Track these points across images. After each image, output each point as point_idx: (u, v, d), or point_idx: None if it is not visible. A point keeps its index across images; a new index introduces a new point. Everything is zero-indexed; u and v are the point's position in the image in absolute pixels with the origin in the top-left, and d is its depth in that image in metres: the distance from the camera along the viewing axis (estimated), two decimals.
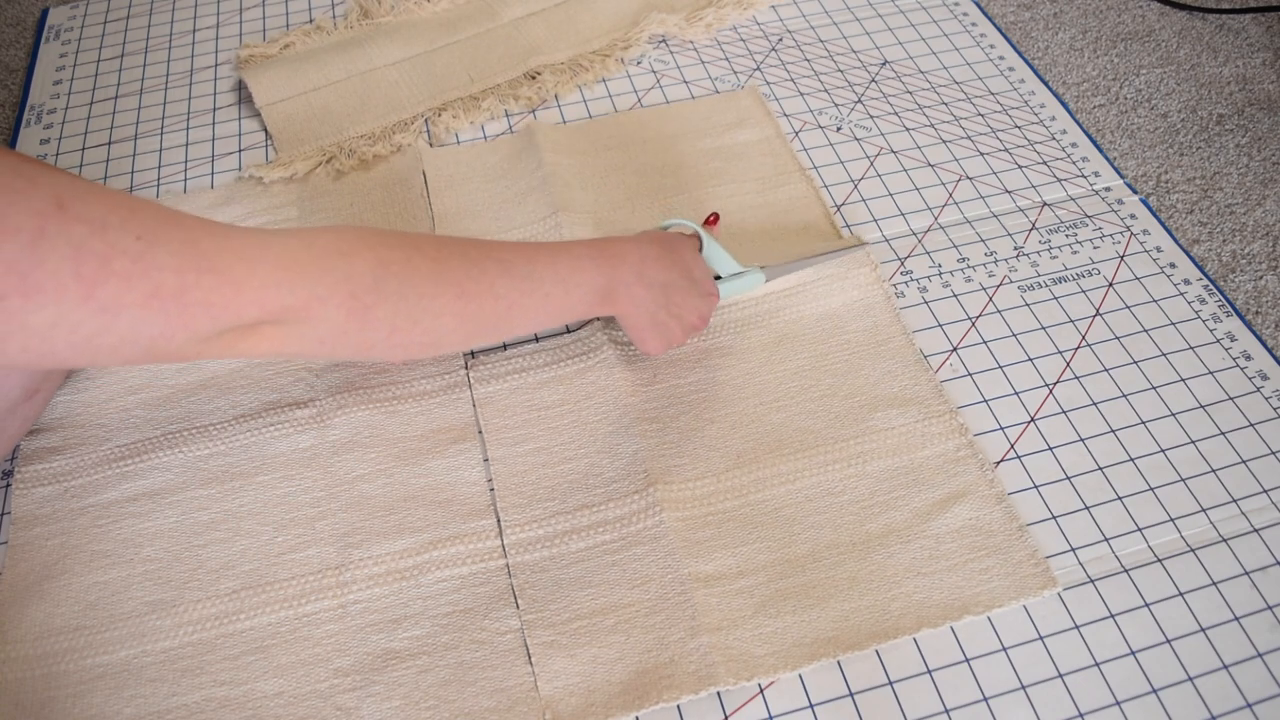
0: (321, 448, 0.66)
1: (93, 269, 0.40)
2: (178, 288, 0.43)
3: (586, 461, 0.65)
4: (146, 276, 0.42)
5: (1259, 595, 0.60)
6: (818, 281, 0.74)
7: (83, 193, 0.41)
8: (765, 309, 0.73)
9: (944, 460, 0.65)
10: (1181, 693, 0.56)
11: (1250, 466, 0.65)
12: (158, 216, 0.43)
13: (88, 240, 0.40)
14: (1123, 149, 0.87)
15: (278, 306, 0.47)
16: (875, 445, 0.66)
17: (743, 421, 0.67)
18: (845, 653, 0.57)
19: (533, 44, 0.94)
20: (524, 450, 0.66)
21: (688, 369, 0.70)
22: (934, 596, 0.59)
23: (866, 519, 0.62)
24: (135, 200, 0.43)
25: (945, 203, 0.81)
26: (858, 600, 0.59)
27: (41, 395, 0.66)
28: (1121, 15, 1.01)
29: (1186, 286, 0.75)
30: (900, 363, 0.70)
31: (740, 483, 0.64)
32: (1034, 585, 0.59)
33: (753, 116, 0.88)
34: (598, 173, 0.83)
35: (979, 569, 0.60)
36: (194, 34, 0.99)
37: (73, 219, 0.40)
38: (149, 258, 0.42)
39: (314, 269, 0.48)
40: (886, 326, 0.72)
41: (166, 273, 0.43)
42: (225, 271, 0.45)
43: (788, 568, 0.60)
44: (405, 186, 0.83)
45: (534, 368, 0.70)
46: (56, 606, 0.60)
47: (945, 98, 0.90)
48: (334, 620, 0.59)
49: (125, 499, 0.64)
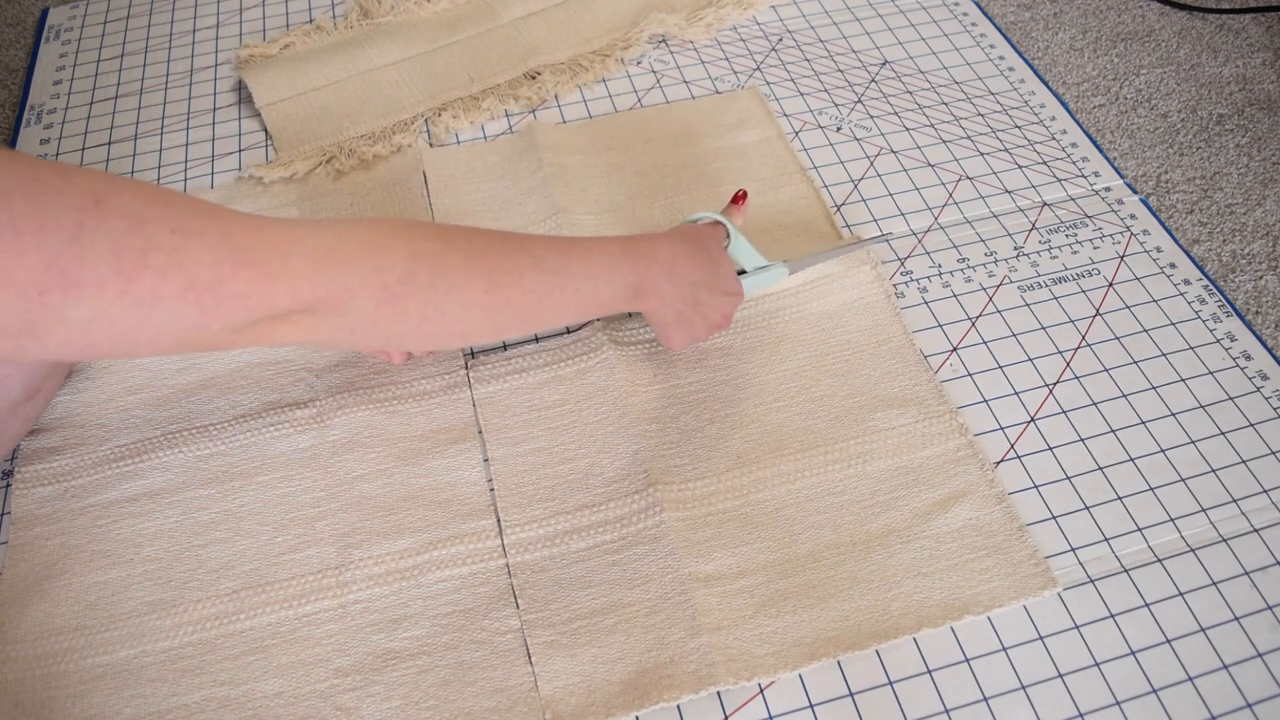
0: (321, 448, 0.66)
1: (131, 264, 0.41)
2: (213, 280, 0.43)
3: (587, 461, 0.65)
4: (182, 269, 0.42)
5: (1259, 595, 0.60)
6: (819, 281, 0.74)
7: (119, 188, 0.41)
8: (766, 309, 0.73)
9: (944, 460, 0.65)
10: (1181, 693, 0.56)
11: (1250, 466, 0.65)
12: (192, 209, 0.44)
13: (125, 235, 0.40)
14: (1123, 149, 0.87)
15: (311, 298, 0.47)
16: (875, 445, 0.66)
17: (743, 421, 0.67)
18: (845, 653, 0.57)
19: (533, 44, 0.94)
20: (524, 450, 0.66)
21: (688, 369, 0.70)
22: (934, 596, 0.59)
23: (867, 519, 0.62)
24: (170, 193, 0.44)
25: (945, 203, 0.81)
26: (858, 600, 0.59)
27: (43, 395, 0.66)
28: (1121, 15, 1.01)
29: (1186, 286, 0.75)
30: (900, 363, 0.70)
31: (740, 483, 0.64)
32: (1034, 585, 0.59)
33: (754, 117, 0.88)
34: (599, 173, 0.83)
35: (979, 569, 0.60)
36: (194, 34, 0.99)
37: (110, 213, 0.40)
38: (184, 251, 0.42)
39: (347, 259, 0.49)
40: (887, 326, 0.72)
41: (202, 266, 0.43)
42: (259, 264, 0.45)
43: (788, 567, 0.60)
44: (405, 187, 0.83)
45: (534, 368, 0.70)
46: (56, 606, 0.60)
47: (945, 98, 0.90)
48: (334, 620, 0.59)
49: (125, 499, 0.64)
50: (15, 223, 0.38)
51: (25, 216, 0.38)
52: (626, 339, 0.71)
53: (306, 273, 0.47)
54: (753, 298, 0.73)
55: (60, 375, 0.68)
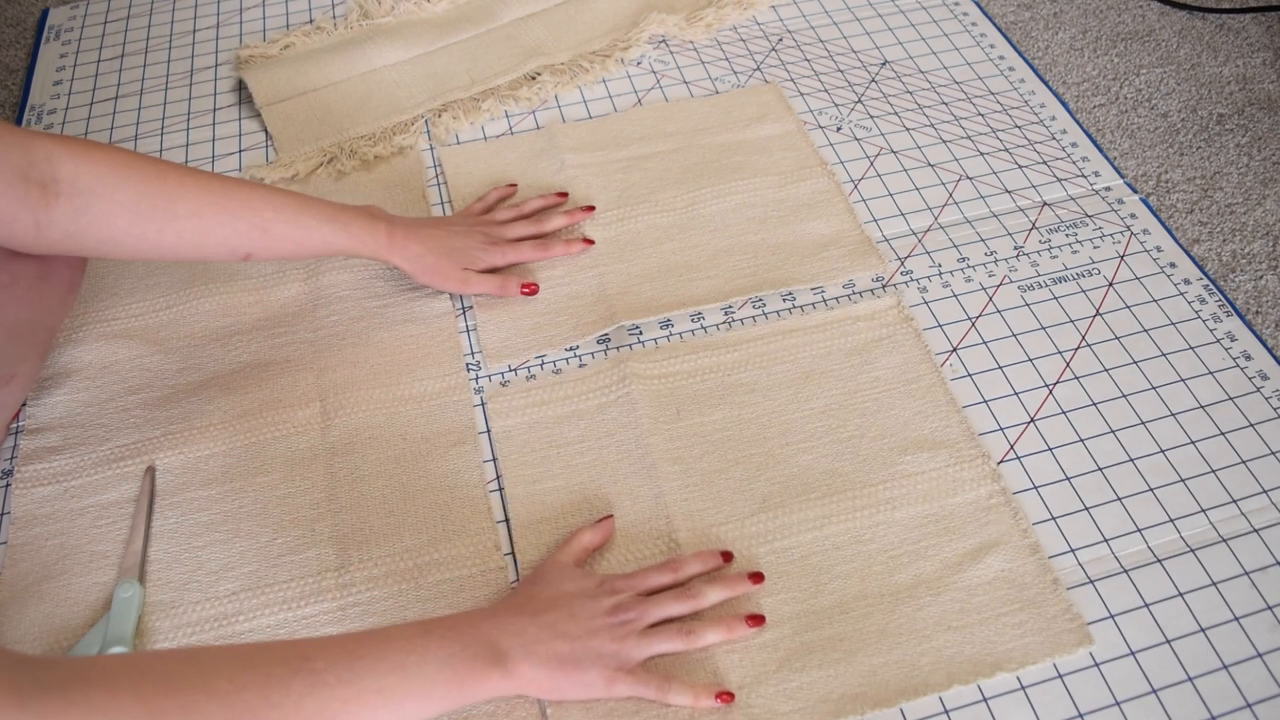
0: (322, 449, 0.66)
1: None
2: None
3: (606, 504, 0.64)
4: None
5: (1259, 595, 0.60)
6: (845, 319, 0.72)
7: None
8: (791, 343, 0.71)
9: (975, 508, 0.63)
10: (1181, 693, 0.56)
11: (1250, 466, 0.65)
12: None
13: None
14: (1123, 149, 0.87)
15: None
16: (905, 491, 0.63)
17: (769, 463, 0.65)
18: (873, 710, 0.55)
19: (533, 45, 0.94)
20: (541, 489, 0.64)
21: (712, 406, 0.68)
22: (965, 652, 0.57)
23: (895, 569, 0.60)
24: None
25: (945, 203, 0.81)
26: (886, 655, 0.57)
27: (19, 382, 0.64)
28: (1121, 15, 1.01)
29: (1186, 286, 0.75)
30: (931, 403, 0.68)
31: (765, 528, 0.62)
32: (1069, 642, 0.57)
33: (774, 111, 0.88)
34: (620, 168, 0.83)
35: (1012, 624, 0.58)
36: (194, 34, 0.99)
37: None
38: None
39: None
40: (917, 364, 0.70)
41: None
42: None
43: (814, 619, 0.58)
44: (406, 188, 0.83)
45: (553, 400, 0.68)
46: (56, 607, 0.60)
47: (945, 98, 0.90)
48: (334, 622, 0.59)
49: (125, 499, 0.64)
50: None
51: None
52: (648, 372, 0.69)
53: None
54: (770, 334, 0.71)
55: (38, 360, 0.66)
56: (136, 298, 0.75)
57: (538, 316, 0.73)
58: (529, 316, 0.73)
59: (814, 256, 0.76)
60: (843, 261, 0.76)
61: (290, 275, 0.76)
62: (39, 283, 0.62)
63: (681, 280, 0.75)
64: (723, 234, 0.78)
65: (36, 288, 0.62)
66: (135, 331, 0.73)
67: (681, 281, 0.75)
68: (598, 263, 0.76)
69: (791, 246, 0.77)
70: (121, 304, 0.74)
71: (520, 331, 0.72)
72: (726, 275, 0.75)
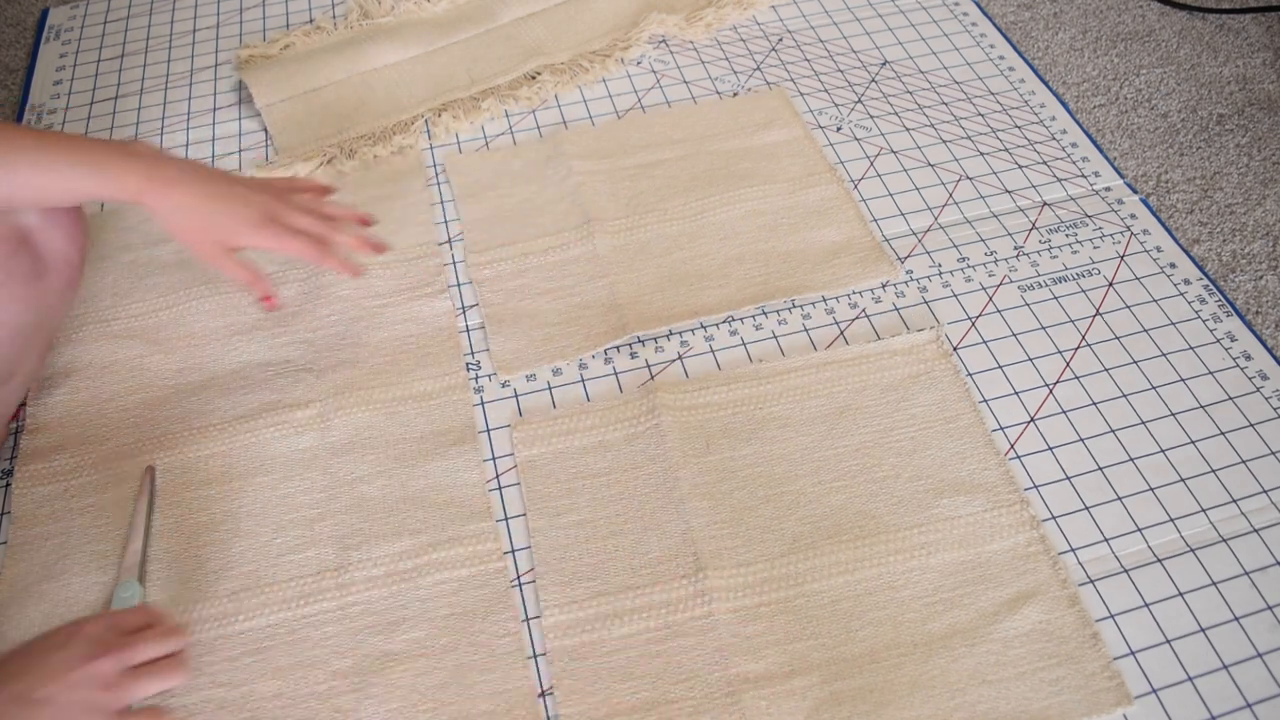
0: (321, 449, 0.66)
1: None
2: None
3: (632, 539, 0.62)
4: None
5: (1259, 595, 0.60)
6: (882, 354, 0.70)
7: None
8: (826, 376, 0.69)
9: (1013, 556, 0.61)
10: (1181, 693, 0.56)
11: (1250, 466, 0.65)
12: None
13: None
14: (1123, 149, 0.87)
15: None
16: (940, 535, 0.62)
17: (800, 501, 0.63)
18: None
19: (533, 45, 0.94)
20: (566, 522, 0.63)
21: (743, 440, 0.66)
22: (1000, 708, 0.55)
23: (929, 617, 0.58)
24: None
25: (945, 203, 0.81)
26: (918, 708, 0.55)
27: (19, 380, 0.64)
28: (1121, 15, 1.01)
29: (1186, 286, 0.75)
30: (969, 443, 0.66)
31: (796, 570, 0.61)
32: (1108, 701, 0.55)
33: (781, 117, 0.88)
34: (628, 176, 0.83)
35: (1049, 679, 0.56)
36: (194, 34, 0.99)
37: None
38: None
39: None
40: (955, 403, 0.68)
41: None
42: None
43: (844, 668, 0.57)
44: (406, 187, 0.83)
45: (580, 430, 0.67)
46: (56, 607, 0.60)
47: (945, 98, 0.90)
48: (333, 622, 0.59)
49: (125, 499, 0.64)
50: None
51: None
52: (678, 403, 0.68)
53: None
54: (804, 366, 0.69)
55: (36, 361, 0.66)
56: (136, 298, 0.75)
57: (548, 327, 0.73)
58: (540, 327, 0.73)
59: (826, 264, 0.76)
60: (854, 268, 0.76)
61: (290, 275, 0.76)
62: (37, 282, 0.62)
63: (693, 289, 0.75)
64: (733, 242, 0.78)
65: (35, 287, 0.62)
66: (135, 331, 0.73)
67: (693, 291, 0.75)
68: (607, 272, 0.76)
69: (802, 254, 0.77)
70: (121, 304, 0.74)
71: (532, 342, 0.72)
72: (738, 284, 0.75)
